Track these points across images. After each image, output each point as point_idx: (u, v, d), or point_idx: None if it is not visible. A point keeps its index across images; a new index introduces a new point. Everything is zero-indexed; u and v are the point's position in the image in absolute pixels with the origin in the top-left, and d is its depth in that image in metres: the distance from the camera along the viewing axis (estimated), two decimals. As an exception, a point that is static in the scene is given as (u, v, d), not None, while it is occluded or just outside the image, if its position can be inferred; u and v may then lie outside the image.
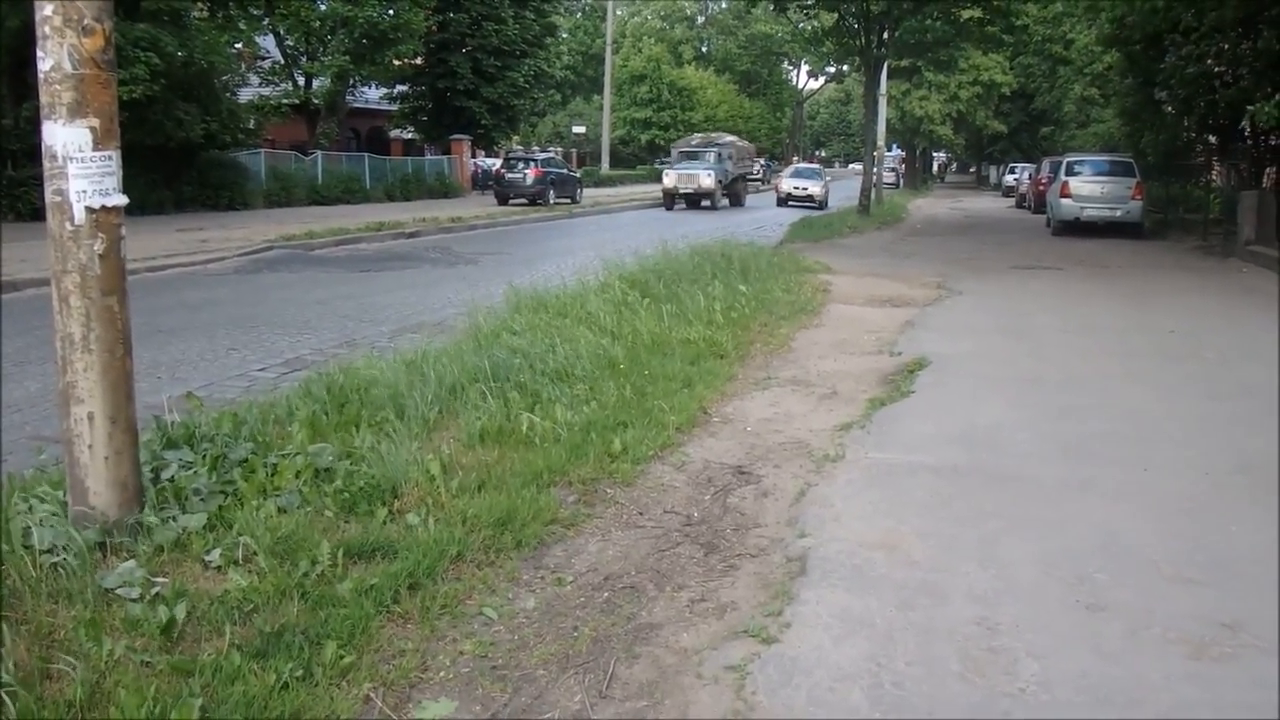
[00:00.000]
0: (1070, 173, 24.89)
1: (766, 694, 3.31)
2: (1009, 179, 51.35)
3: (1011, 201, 45.09)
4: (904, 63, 35.06)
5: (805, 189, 41.04)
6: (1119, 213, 23.69)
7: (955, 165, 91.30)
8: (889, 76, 37.54)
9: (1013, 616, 3.86)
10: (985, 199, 51.36)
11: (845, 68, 46.77)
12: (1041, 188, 32.57)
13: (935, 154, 77.78)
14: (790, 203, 40.52)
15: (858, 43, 28.78)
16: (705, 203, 38.15)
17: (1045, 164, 35.03)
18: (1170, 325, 10.96)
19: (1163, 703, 3.29)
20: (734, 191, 40.97)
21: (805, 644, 3.63)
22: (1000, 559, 4.44)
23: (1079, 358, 9.08)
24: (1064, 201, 24.34)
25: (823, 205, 38.76)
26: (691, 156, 40.26)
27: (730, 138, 44.73)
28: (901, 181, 62.39)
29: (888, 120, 45.56)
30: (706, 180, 37.53)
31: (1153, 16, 22.02)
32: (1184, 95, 22.95)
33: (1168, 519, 4.97)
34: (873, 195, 32.15)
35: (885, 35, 28.43)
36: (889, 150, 56.06)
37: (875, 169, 34.58)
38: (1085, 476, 5.62)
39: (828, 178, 42.84)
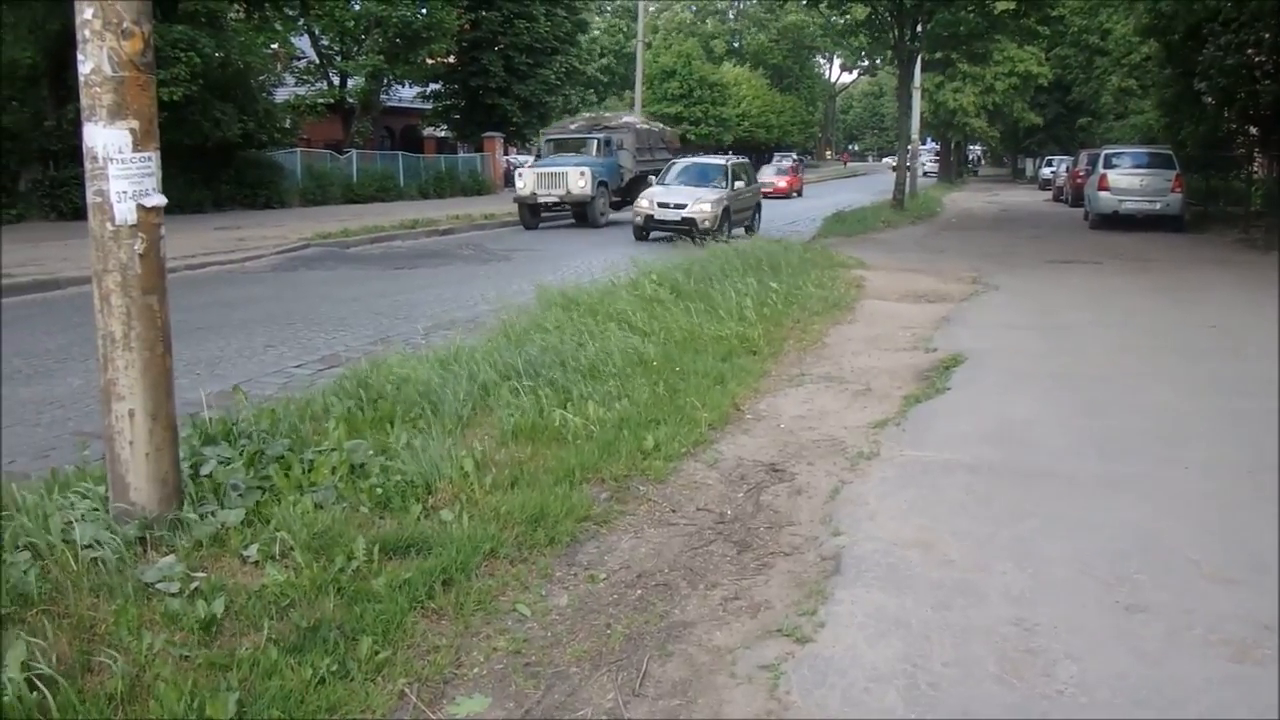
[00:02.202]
0: (1108, 165, 24.61)
1: (800, 694, 3.30)
2: (1046, 172, 50.89)
3: (1048, 195, 44.65)
4: (938, 55, 34.73)
5: (681, 208, 21.10)
6: (1158, 206, 23.41)
7: (989, 158, 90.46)
8: (922, 69, 37.10)
9: (1050, 617, 3.83)
10: (1021, 192, 50.88)
11: (878, 61, 46.17)
12: (1079, 180, 32.25)
13: (970, 147, 77.12)
14: (657, 232, 21.55)
15: (890, 36, 28.61)
16: (601, 215, 25.97)
17: (1083, 156, 34.64)
18: (1210, 320, 10.82)
19: (1203, 705, 3.26)
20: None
21: (840, 644, 3.62)
22: (1037, 558, 4.40)
23: (1117, 354, 8.98)
24: (1102, 194, 24.08)
25: (716, 233, 19.65)
26: (565, 148, 27.55)
27: (630, 118, 31.63)
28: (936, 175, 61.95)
29: (921, 113, 45.06)
30: (579, 183, 24.93)
31: (1192, 5, 21.75)
32: (1224, 86, 22.63)
33: (1207, 518, 4.90)
34: (907, 189, 31.90)
35: (918, 28, 28.25)
36: (923, 143, 55.55)
37: (909, 163, 34.09)
38: (1123, 474, 5.56)
39: (738, 184, 23.01)
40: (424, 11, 34.13)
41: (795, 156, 67.24)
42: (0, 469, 5.54)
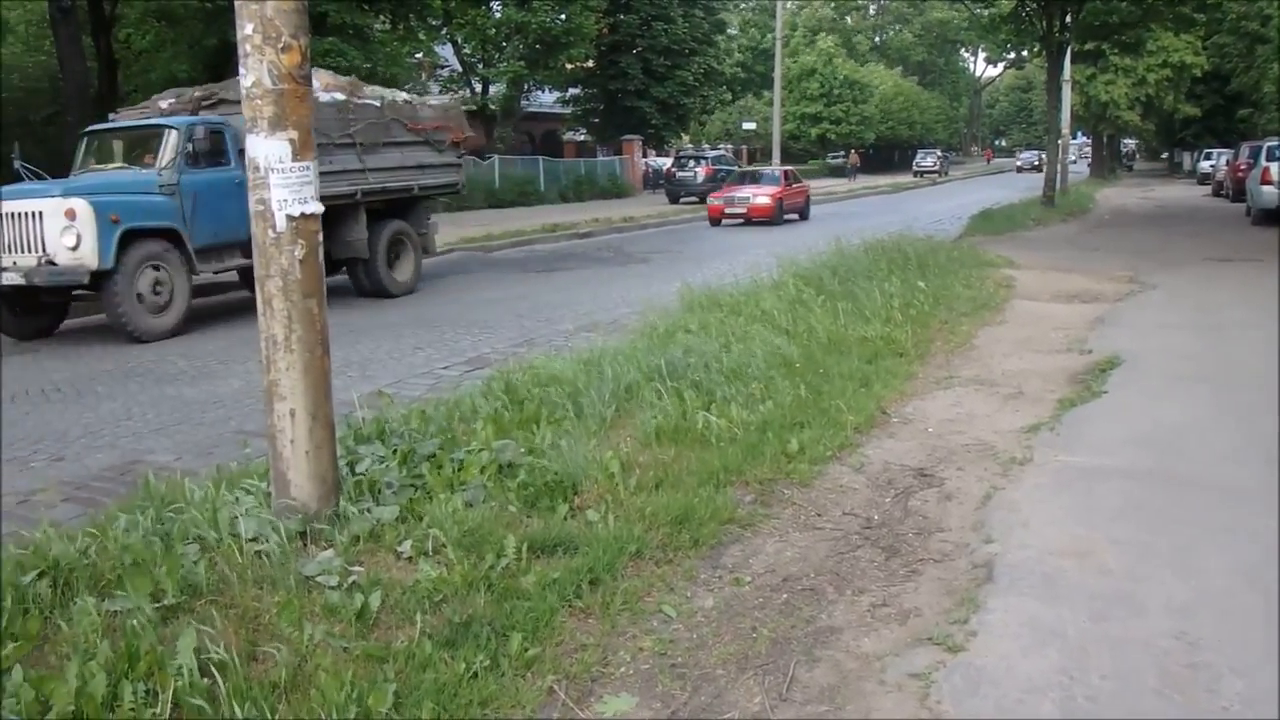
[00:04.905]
0: (1271, 158, 23.43)
1: (952, 703, 3.23)
2: (1204, 165, 48.66)
3: (1207, 189, 42.70)
4: (1088, 47, 33.53)
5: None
6: (1324, 200, 22.20)
7: (1143, 152, 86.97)
8: (1072, 61, 35.85)
9: (1214, 630, 3.66)
10: (1178, 187, 48.78)
11: (1025, 53, 44.69)
12: (1240, 174, 30.77)
13: (1124, 141, 74.37)
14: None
15: (1038, 27, 27.77)
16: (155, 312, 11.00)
17: (1244, 149, 33.04)
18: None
19: (1386, 726, 3.08)
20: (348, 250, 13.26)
21: (993, 653, 3.53)
22: (1199, 569, 4.22)
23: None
24: (1265, 189, 22.94)
25: None
26: (104, 158, 12.05)
27: (326, 80, 12.76)
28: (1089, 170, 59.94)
29: (1072, 107, 43.57)
30: (65, 240, 10.32)
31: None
32: (1400, 72, 21.34)
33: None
34: (1057, 185, 30.92)
35: (1067, 19, 27.35)
36: (1074, 138, 53.78)
37: (1060, 158, 32.97)
38: (1293, 482, 5.29)
39: None
40: (563, 17, 34.59)
41: (939, 153, 66.03)
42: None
